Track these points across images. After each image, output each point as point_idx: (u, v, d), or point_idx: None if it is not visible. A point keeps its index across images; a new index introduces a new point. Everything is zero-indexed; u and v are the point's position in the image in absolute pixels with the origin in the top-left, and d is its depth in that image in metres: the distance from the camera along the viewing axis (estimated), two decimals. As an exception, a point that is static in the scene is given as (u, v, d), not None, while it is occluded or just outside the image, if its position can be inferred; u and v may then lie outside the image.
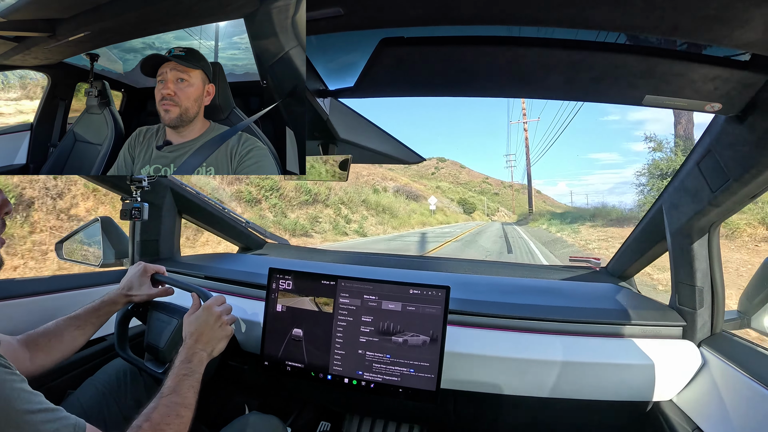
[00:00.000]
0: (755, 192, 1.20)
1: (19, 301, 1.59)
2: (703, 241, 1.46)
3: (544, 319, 1.58)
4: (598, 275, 2.24)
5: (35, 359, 1.27)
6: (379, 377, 1.46)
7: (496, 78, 1.11)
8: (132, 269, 1.58)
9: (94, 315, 1.44)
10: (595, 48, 0.97)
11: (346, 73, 1.21)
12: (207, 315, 1.35)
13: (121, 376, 1.59)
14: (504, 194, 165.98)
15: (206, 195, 2.48)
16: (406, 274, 2.13)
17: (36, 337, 1.30)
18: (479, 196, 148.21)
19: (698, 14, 0.72)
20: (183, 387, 1.13)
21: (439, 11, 0.82)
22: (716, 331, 1.51)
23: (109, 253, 2.10)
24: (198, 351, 1.27)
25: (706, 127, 1.28)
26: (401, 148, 1.46)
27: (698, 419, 1.38)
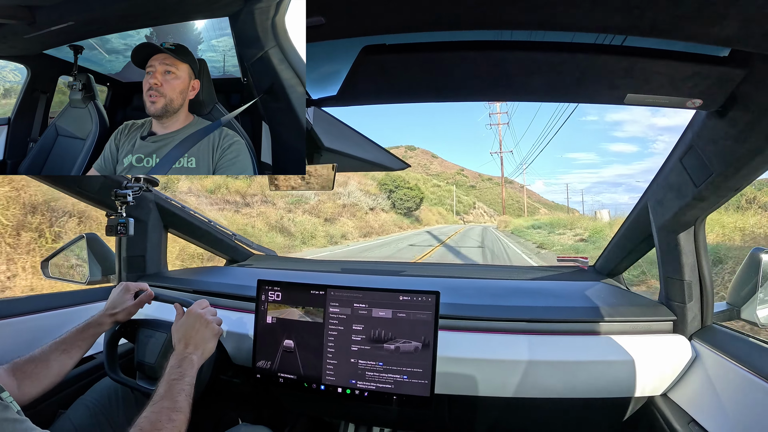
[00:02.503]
0: (738, 185, 1.22)
1: (6, 321, 1.57)
2: (689, 235, 1.47)
3: (535, 320, 1.58)
4: (586, 274, 2.25)
5: (23, 387, 1.24)
6: (372, 385, 1.45)
7: (479, 82, 1.11)
8: (115, 291, 1.55)
9: (80, 338, 1.41)
10: (575, 49, 0.97)
11: (328, 82, 1.21)
12: (192, 319, 1.35)
13: (113, 394, 1.58)
14: (483, 188, 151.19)
15: (192, 209, 2.46)
16: (395, 281, 2.13)
17: (22, 365, 1.27)
18: (447, 186, 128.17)
19: (675, 13, 0.73)
20: (173, 391, 1.12)
21: (421, 18, 0.82)
22: (706, 323, 1.53)
23: (95, 270, 2.08)
24: (188, 355, 1.25)
25: (687, 123, 1.30)
26: (385, 155, 1.45)
27: (693, 411, 1.39)
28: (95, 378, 1.71)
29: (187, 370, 1.20)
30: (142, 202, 2.14)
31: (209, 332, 1.35)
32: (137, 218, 2.02)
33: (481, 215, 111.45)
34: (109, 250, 2.15)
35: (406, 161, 1.49)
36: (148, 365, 1.55)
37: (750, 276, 1.48)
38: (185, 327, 1.33)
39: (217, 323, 1.39)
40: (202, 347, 1.31)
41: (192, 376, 1.20)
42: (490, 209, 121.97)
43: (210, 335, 1.35)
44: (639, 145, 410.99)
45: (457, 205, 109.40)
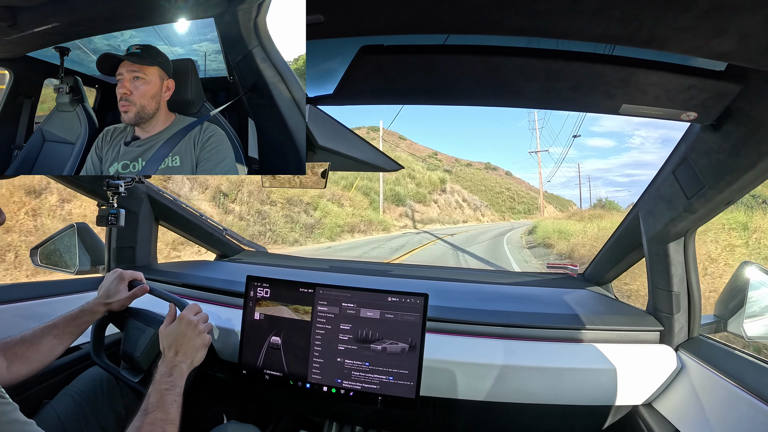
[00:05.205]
0: (730, 199, 1.23)
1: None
2: (679, 247, 1.48)
3: (522, 325, 1.59)
4: (575, 281, 2.25)
5: (12, 368, 1.24)
6: (358, 385, 1.45)
7: (475, 86, 1.11)
8: (109, 277, 1.55)
9: (72, 324, 1.41)
10: (572, 57, 0.98)
11: (325, 80, 1.21)
12: (184, 326, 1.33)
13: (98, 385, 1.57)
14: (463, 173, 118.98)
15: (183, 202, 2.45)
16: (384, 282, 2.13)
17: (13, 345, 1.27)
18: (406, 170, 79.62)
19: (674, 26, 0.73)
20: (166, 402, 1.12)
21: (420, 20, 0.82)
22: (693, 335, 1.54)
23: (84, 259, 2.06)
24: (178, 363, 1.25)
25: (681, 135, 1.30)
26: (379, 155, 1.45)
27: (677, 422, 1.39)
28: (80, 368, 1.69)
29: (177, 380, 1.21)
30: (134, 194, 2.13)
31: (200, 341, 1.34)
32: (128, 209, 2.01)
33: (456, 207, 62.69)
34: (99, 241, 2.14)
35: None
36: (132, 357, 1.54)
37: (738, 289, 1.50)
38: (176, 334, 1.32)
39: (207, 330, 1.39)
40: (191, 356, 1.31)
41: (181, 386, 1.21)
42: (475, 198, 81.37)
43: (200, 344, 1.35)
44: (616, 140, 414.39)
45: (398, 188, 45.34)
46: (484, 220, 73.35)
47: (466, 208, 68.86)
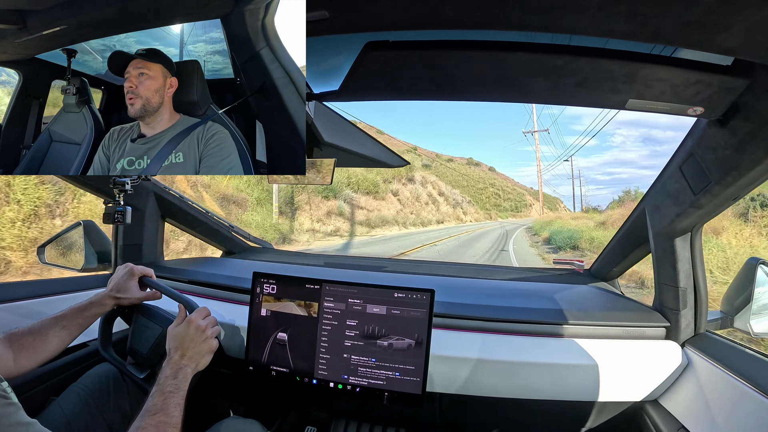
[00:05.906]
0: (736, 194, 1.22)
1: (2, 305, 1.56)
2: (686, 242, 1.48)
3: (529, 321, 1.59)
4: (581, 277, 2.25)
5: (19, 360, 1.24)
6: (364, 381, 1.45)
7: (481, 82, 1.11)
8: (119, 271, 1.55)
9: (81, 316, 1.41)
10: (578, 53, 0.97)
11: (330, 77, 1.21)
12: (192, 330, 1.34)
13: (104, 382, 1.57)
14: (443, 168, 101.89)
15: (190, 199, 2.45)
16: (390, 278, 2.13)
17: (20, 336, 1.27)
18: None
19: (680, 20, 0.72)
20: (170, 405, 1.13)
21: (425, 15, 0.82)
22: (699, 331, 1.53)
23: (91, 257, 2.07)
24: (183, 366, 1.25)
25: (688, 131, 1.30)
26: (385, 151, 1.46)
27: (683, 419, 1.39)
28: (87, 365, 1.70)
29: (182, 383, 1.21)
30: (140, 191, 2.13)
31: (206, 347, 1.35)
32: (135, 207, 2.01)
33: (428, 202, 46.84)
34: (105, 238, 2.14)
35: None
36: (139, 354, 1.54)
37: (745, 285, 1.49)
38: (183, 336, 1.32)
39: (214, 335, 1.39)
40: (197, 360, 1.31)
41: (185, 390, 1.21)
42: (455, 192, 66.05)
43: (207, 349, 1.35)
44: (598, 139, 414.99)
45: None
46: (465, 219, 61.04)
47: (442, 204, 53.37)
